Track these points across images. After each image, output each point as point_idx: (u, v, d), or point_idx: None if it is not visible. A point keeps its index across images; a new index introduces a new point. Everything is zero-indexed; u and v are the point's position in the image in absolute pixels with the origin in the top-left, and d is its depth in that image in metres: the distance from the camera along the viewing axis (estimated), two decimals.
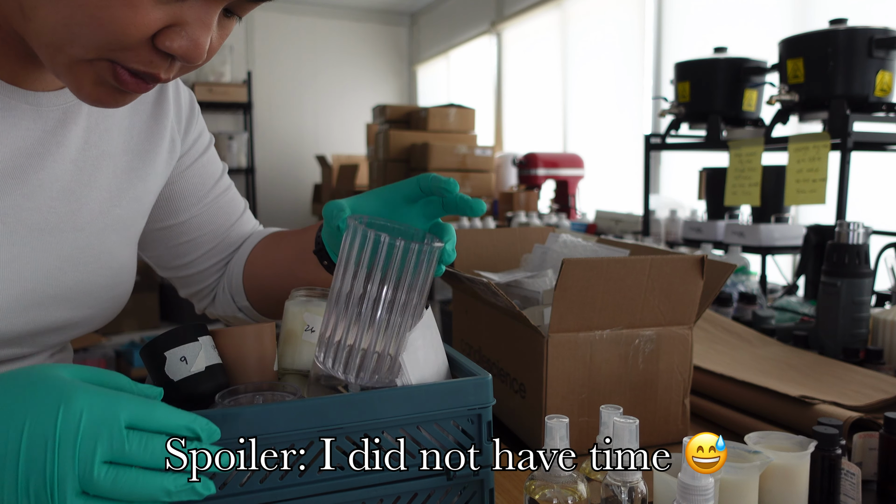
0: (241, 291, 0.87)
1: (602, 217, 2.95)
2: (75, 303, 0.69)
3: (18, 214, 0.63)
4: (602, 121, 3.61)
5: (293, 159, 5.70)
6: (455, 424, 0.59)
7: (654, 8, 3.19)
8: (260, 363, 0.66)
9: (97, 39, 0.52)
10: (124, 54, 0.53)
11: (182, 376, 0.60)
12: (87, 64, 0.54)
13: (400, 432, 0.57)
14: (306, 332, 0.68)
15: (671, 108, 2.24)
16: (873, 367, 1.03)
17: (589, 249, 1.06)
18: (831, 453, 0.68)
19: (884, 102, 1.70)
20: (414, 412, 0.57)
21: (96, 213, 0.70)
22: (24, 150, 0.63)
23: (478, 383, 0.60)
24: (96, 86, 0.56)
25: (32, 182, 0.64)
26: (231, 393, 0.60)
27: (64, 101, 0.67)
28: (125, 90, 0.56)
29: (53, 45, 0.53)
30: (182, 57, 0.54)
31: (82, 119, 0.68)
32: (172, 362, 0.60)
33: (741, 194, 1.91)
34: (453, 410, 0.58)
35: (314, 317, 0.68)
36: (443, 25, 5.47)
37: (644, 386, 0.87)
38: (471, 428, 0.60)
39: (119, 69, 0.54)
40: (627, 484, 0.56)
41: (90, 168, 0.69)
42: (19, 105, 0.63)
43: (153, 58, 0.54)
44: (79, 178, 0.68)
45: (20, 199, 0.63)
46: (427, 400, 0.58)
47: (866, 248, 1.12)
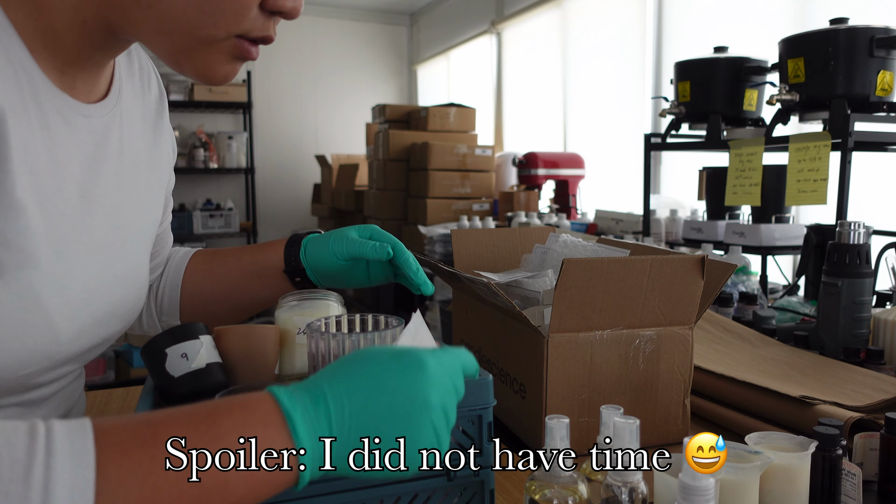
0: (174, 310, 0.87)
1: (602, 217, 2.94)
2: (121, 318, 0.69)
3: (88, 233, 0.62)
4: (602, 121, 3.60)
5: (293, 159, 5.70)
6: (456, 425, 0.59)
7: (654, 8, 3.19)
8: (262, 364, 0.66)
9: (227, 16, 0.54)
10: (250, 25, 0.56)
11: (182, 372, 0.60)
12: (219, 44, 0.57)
13: None
14: (300, 335, 0.68)
15: (671, 107, 2.24)
16: (874, 368, 1.03)
17: (589, 249, 1.06)
18: (832, 454, 0.68)
19: (885, 102, 1.69)
20: None
21: (133, 226, 0.70)
22: (86, 166, 0.62)
23: (478, 384, 0.60)
24: (228, 63, 0.59)
25: (94, 199, 0.63)
26: (231, 392, 0.60)
27: (105, 111, 0.66)
28: (248, 59, 0.60)
29: (182, 30, 0.55)
30: (290, 12, 0.58)
31: (116, 130, 0.68)
32: (173, 359, 0.60)
33: (742, 194, 1.91)
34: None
35: (305, 319, 0.68)
36: (443, 25, 5.47)
37: (644, 386, 0.87)
38: (471, 428, 0.60)
39: (244, 43, 0.58)
40: (628, 484, 0.55)
41: (126, 180, 0.69)
42: (78, 119, 0.62)
43: (266, 22, 0.58)
44: (119, 191, 0.68)
45: (87, 219, 0.62)
46: None
47: (867, 248, 1.12)
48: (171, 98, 4.89)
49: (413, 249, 0.78)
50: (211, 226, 4.97)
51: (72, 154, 0.60)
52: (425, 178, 3.52)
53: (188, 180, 5.24)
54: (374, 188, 3.94)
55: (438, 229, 3.20)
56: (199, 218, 4.92)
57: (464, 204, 3.57)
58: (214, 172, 5.21)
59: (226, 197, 5.28)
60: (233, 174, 5.37)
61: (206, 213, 4.95)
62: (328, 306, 0.72)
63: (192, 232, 4.87)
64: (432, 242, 3.12)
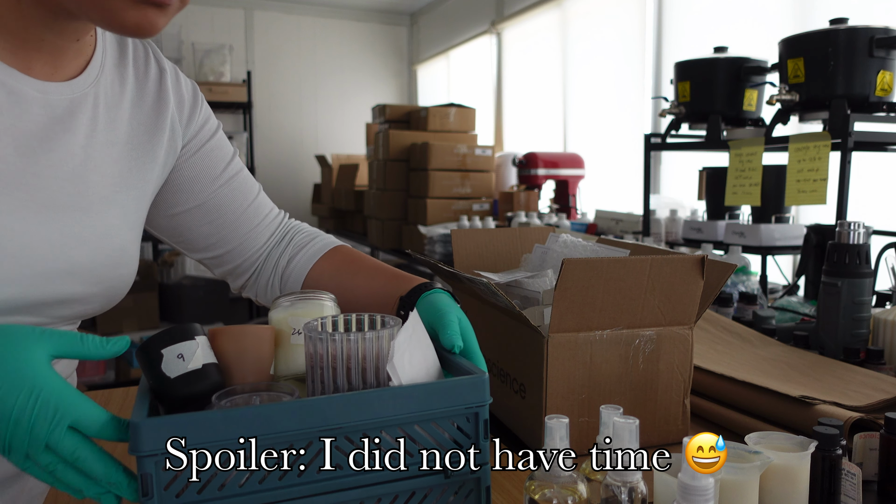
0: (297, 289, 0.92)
1: (602, 217, 2.94)
2: (82, 278, 0.72)
3: (28, 192, 0.67)
4: (602, 121, 3.60)
5: (293, 159, 5.70)
6: (452, 423, 0.59)
7: (654, 8, 3.19)
8: (257, 365, 0.66)
9: None
10: None
11: (179, 373, 0.59)
12: None
13: (398, 431, 0.57)
14: (294, 336, 0.68)
15: (671, 107, 2.24)
16: (874, 368, 1.03)
17: (589, 249, 1.06)
18: (832, 453, 0.68)
19: (884, 102, 1.69)
20: (412, 411, 0.57)
21: (100, 196, 0.74)
22: (34, 133, 0.68)
23: (474, 381, 0.60)
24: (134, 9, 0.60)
25: (42, 163, 0.68)
26: (228, 393, 0.60)
27: (72, 91, 0.72)
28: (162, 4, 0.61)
29: None
30: None
31: (89, 110, 0.74)
32: (169, 360, 0.59)
33: (741, 194, 1.91)
34: (451, 409, 0.59)
35: (299, 319, 0.68)
36: (443, 25, 5.47)
37: (644, 386, 0.87)
38: (468, 426, 0.60)
39: None
40: (627, 484, 0.55)
41: (98, 155, 0.74)
42: (29, 92, 0.68)
43: None
44: (86, 163, 0.73)
45: (30, 178, 0.67)
46: (425, 399, 0.58)
47: (867, 248, 1.12)
48: None
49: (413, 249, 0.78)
50: None
51: (13, 120, 0.66)
52: (425, 178, 3.52)
53: None
54: (374, 188, 3.94)
55: (438, 229, 3.20)
56: None
57: (464, 204, 3.57)
58: None
59: None
60: None
61: None
62: (322, 306, 0.71)
63: None
64: (432, 242, 3.12)
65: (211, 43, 5.16)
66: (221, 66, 5.09)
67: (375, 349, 0.60)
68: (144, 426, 0.50)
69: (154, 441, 0.50)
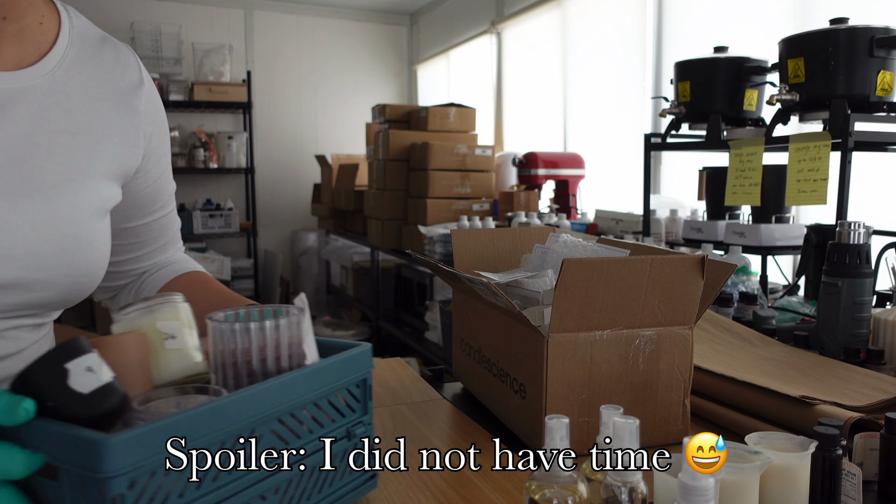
0: None
1: (602, 217, 2.94)
2: (23, 263, 0.72)
3: None
4: (602, 120, 3.60)
5: (293, 159, 5.69)
6: (348, 391, 0.68)
7: (654, 8, 3.19)
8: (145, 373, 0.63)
9: None
10: None
11: (94, 387, 0.52)
12: None
13: (316, 406, 0.65)
14: (170, 340, 0.65)
15: (671, 107, 2.24)
16: (874, 368, 1.03)
17: (589, 249, 1.06)
18: (832, 454, 0.67)
19: (885, 102, 1.69)
20: (327, 384, 0.65)
21: (49, 183, 0.75)
22: None
23: (364, 351, 0.70)
24: None
25: None
26: (146, 400, 0.57)
27: (16, 81, 0.74)
28: None
29: None
30: None
31: (38, 99, 0.76)
32: (77, 374, 0.51)
33: (741, 194, 1.91)
34: (352, 378, 0.68)
35: (169, 323, 0.66)
36: (443, 25, 5.47)
37: (644, 386, 0.87)
38: (358, 391, 0.70)
39: None
40: (627, 484, 0.55)
41: (46, 143, 0.76)
42: None
43: None
44: (32, 150, 0.74)
45: None
46: (337, 371, 0.66)
47: (867, 247, 1.12)
48: (171, 98, 4.89)
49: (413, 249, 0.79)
50: (211, 226, 4.97)
51: None
52: (425, 178, 3.52)
53: (188, 180, 5.24)
54: (374, 188, 3.94)
55: (438, 229, 3.20)
56: (199, 218, 4.92)
57: (464, 204, 3.57)
58: (214, 172, 5.21)
59: (226, 197, 5.28)
60: (233, 174, 5.36)
61: (206, 213, 4.95)
62: (178, 307, 0.68)
63: (193, 232, 4.87)
64: (432, 242, 3.12)
65: (211, 43, 5.16)
66: (221, 66, 5.09)
67: (288, 335, 0.64)
68: (113, 445, 0.46)
69: (123, 459, 0.46)
